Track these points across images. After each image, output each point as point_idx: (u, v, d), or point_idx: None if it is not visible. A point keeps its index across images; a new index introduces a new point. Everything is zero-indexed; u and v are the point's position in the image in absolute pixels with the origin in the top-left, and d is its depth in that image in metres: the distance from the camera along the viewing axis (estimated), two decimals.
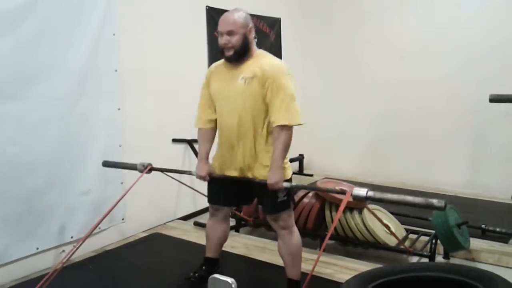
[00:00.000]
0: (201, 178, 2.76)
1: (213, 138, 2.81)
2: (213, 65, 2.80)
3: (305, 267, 2.88)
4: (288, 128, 2.52)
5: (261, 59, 2.59)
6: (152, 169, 3.02)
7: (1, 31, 2.92)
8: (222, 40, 2.55)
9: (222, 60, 2.72)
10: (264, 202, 2.65)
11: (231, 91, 2.60)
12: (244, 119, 2.58)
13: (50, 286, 2.69)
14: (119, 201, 3.05)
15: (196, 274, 2.90)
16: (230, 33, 2.52)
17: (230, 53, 2.56)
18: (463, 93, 5.08)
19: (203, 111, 2.78)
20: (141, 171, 3.01)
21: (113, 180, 3.71)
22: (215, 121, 2.75)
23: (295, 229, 2.71)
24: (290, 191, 2.65)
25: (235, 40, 2.53)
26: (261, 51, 2.68)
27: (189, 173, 2.92)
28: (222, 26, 2.56)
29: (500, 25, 4.84)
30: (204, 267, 2.93)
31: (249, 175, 2.64)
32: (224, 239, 2.93)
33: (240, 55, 2.57)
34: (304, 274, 2.66)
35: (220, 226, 2.88)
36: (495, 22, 4.88)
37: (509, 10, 4.81)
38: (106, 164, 3.22)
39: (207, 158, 2.79)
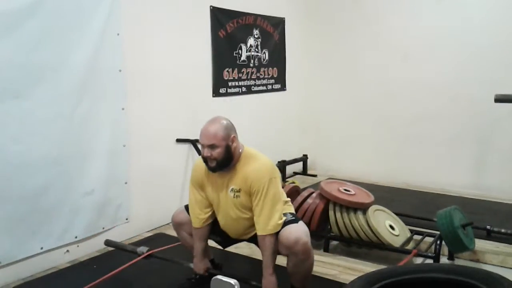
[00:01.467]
0: (200, 274, 2.83)
1: (209, 233, 2.84)
2: (201, 165, 2.70)
3: None
4: (271, 237, 2.54)
5: (246, 166, 2.59)
6: (151, 255, 3.10)
7: (6, 31, 2.93)
8: (204, 152, 2.56)
9: None
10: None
11: (223, 201, 2.68)
12: (237, 225, 2.73)
13: (55, 285, 2.69)
14: None
15: (197, 276, 2.90)
16: (211, 146, 2.52)
17: (213, 164, 2.56)
18: (467, 93, 5.06)
19: (199, 211, 2.77)
20: (139, 255, 3.08)
21: (117, 180, 3.72)
22: (211, 215, 2.79)
23: (312, 252, 2.60)
24: (294, 214, 2.71)
25: (217, 153, 2.52)
26: (246, 152, 2.65)
27: (187, 265, 2.94)
28: (203, 139, 2.55)
29: (505, 25, 4.82)
30: None
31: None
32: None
33: (224, 165, 2.58)
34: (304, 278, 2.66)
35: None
36: (499, 22, 4.85)
37: None
38: (108, 243, 3.42)
39: (204, 255, 2.83)
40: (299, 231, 2.51)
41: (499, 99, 3.23)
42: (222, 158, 2.54)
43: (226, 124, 2.57)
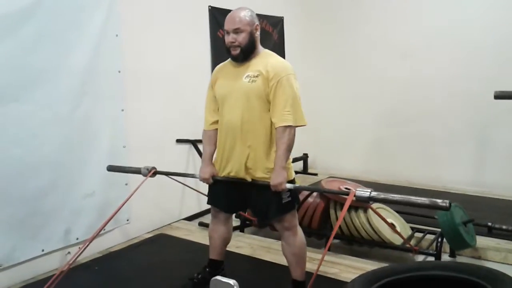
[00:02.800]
0: (205, 180, 2.75)
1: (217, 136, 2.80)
2: (218, 66, 2.80)
3: (311, 266, 2.88)
4: (291, 129, 2.51)
5: (267, 58, 2.59)
6: (156, 172, 3.02)
7: (4, 34, 2.93)
8: (229, 38, 2.55)
9: (227, 61, 2.73)
10: (268, 204, 2.60)
11: (234, 88, 2.59)
12: (246, 117, 2.55)
13: (56, 287, 2.70)
14: (124, 203, 3.05)
15: (199, 276, 2.90)
16: (236, 31, 2.52)
17: (236, 51, 2.55)
18: (467, 90, 5.06)
19: (208, 113, 2.79)
20: (145, 175, 3.01)
21: (117, 181, 3.71)
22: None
23: (299, 230, 2.69)
24: (294, 191, 2.64)
25: (242, 38, 2.53)
26: (267, 50, 2.68)
27: (192, 176, 2.92)
28: (229, 24, 2.56)
29: (504, 22, 4.82)
30: (207, 269, 2.92)
31: (248, 177, 2.61)
32: (227, 240, 2.92)
33: (247, 53, 2.57)
34: (309, 274, 2.65)
35: (222, 227, 2.86)
36: (499, 19, 4.85)
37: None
38: (111, 168, 3.23)
39: (211, 160, 2.78)
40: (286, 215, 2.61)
41: (499, 95, 3.23)
42: (246, 44, 2.54)
43: (251, 13, 2.62)
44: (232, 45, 2.55)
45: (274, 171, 2.50)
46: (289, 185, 2.52)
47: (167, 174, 3.05)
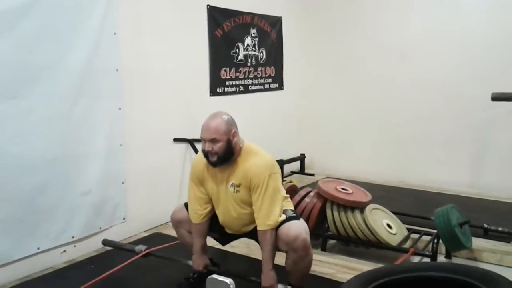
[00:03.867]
0: (199, 271, 2.82)
1: (208, 228, 2.83)
2: (200, 162, 2.73)
3: None
4: (272, 231, 2.55)
5: (247, 161, 2.60)
6: (149, 254, 3.10)
7: (2, 30, 2.92)
8: (205, 147, 2.56)
9: None
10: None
11: (223, 195, 2.68)
12: (237, 220, 2.72)
13: (52, 285, 2.69)
14: None
15: (195, 275, 2.90)
16: (213, 141, 2.53)
17: (214, 159, 2.57)
18: (465, 92, 5.07)
19: (199, 207, 2.77)
20: (138, 253, 3.09)
21: (114, 180, 3.71)
22: (210, 211, 2.79)
23: (311, 250, 2.62)
24: (294, 211, 2.73)
25: (218, 147, 2.53)
26: (246, 147, 2.66)
27: (186, 262, 2.95)
28: (204, 133, 2.56)
29: (502, 24, 4.83)
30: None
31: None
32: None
33: (224, 160, 2.58)
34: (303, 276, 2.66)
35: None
36: (497, 21, 4.86)
37: (510, 10, 4.79)
38: (106, 243, 3.40)
39: (203, 251, 2.83)
40: (298, 228, 2.53)
41: (496, 97, 3.24)
42: (223, 153, 2.54)
43: (227, 119, 2.58)
44: (209, 153, 2.56)
45: (263, 274, 2.58)
46: (280, 286, 2.58)
47: (161, 257, 3.11)
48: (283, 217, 2.58)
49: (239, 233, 2.85)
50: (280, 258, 2.67)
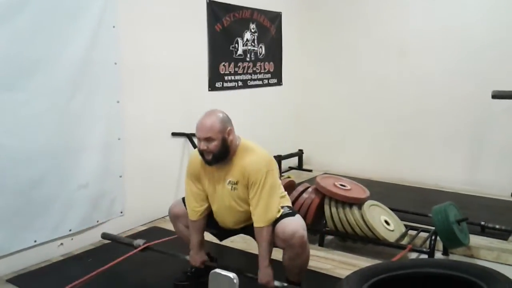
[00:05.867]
0: (196, 267, 2.83)
1: (205, 225, 2.82)
2: (196, 158, 2.70)
3: None
4: (269, 228, 2.54)
5: (243, 158, 2.58)
6: (148, 248, 3.08)
7: None
8: (200, 146, 2.54)
9: None
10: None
11: (220, 193, 2.67)
12: (234, 217, 2.72)
13: (49, 278, 2.68)
14: None
15: (193, 269, 2.90)
16: (208, 139, 2.50)
17: (209, 157, 2.55)
18: (463, 90, 5.06)
19: (196, 204, 2.75)
20: (136, 247, 3.07)
21: (112, 173, 3.70)
22: (207, 208, 2.78)
23: (308, 245, 2.61)
24: (291, 207, 2.71)
25: (213, 146, 2.50)
26: (243, 144, 2.63)
27: (184, 257, 2.93)
28: (199, 132, 2.54)
29: (502, 22, 4.82)
30: None
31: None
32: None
33: (220, 158, 2.56)
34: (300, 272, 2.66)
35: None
36: (496, 19, 4.85)
37: (511, 8, 4.78)
38: (105, 236, 3.39)
39: (200, 247, 2.82)
40: (296, 224, 2.52)
41: (496, 95, 3.25)
42: (219, 151, 2.52)
43: (222, 117, 2.55)
44: (204, 152, 2.55)
45: (260, 271, 2.57)
46: (277, 283, 2.57)
47: (159, 251, 3.10)
48: (280, 212, 2.57)
49: (236, 229, 2.85)
50: (278, 254, 2.67)
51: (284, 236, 2.50)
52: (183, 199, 2.88)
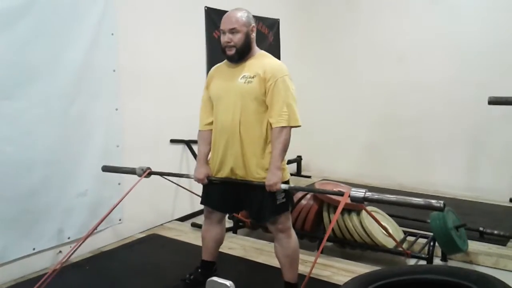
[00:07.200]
0: (199, 181, 2.75)
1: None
2: (214, 66, 2.81)
3: (303, 269, 2.88)
4: (288, 129, 2.54)
5: (263, 59, 2.61)
6: (151, 173, 3.02)
7: None
8: (224, 38, 2.56)
9: (223, 62, 2.75)
10: (262, 205, 2.59)
11: (229, 89, 2.60)
12: (242, 117, 2.56)
13: (47, 286, 2.68)
14: (119, 202, 3.04)
15: (191, 277, 2.90)
16: (232, 31, 2.54)
17: (232, 51, 2.56)
18: (461, 95, 5.08)
19: (203, 113, 2.79)
20: (140, 175, 3.01)
21: (110, 181, 3.69)
22: None
23: (293, 232, 2.69)
24: (289, 193, 2.64)
25: (237, 38, 2.54)
26: (262, 51, 2.69)
27: (187, 176, 2.91)
28: (225, 24, 2.57)
29: (499, 29, 4.85)
30: (200, 270, 2.92)
31: (243, 178, 2.62)
32: (220, 242, 2.91)
33: (242, 53, 2.58)
34: (301, 276, 2.64)
35: (215, 228, 2.85)
36: (493, 25, 4.88)
37: (508, 14, 4.81)
38: (106, 169, 3.23)
39: (206, 160, 2.78)
40: (281, 218, 2.60)
41: (493, 101, 3.25)
42: (241, 45, 2.55)
43: (247, 13, 2.63)
44: (227, 45, 2.56)
45: (270, 171, 2.51)
46: (284, 186, 2.52)
47: (161, 174, 3.05)
48: (300, 123, 2.61)
49: (238, 171, 2.64)
50: (274, 260, 2.67)
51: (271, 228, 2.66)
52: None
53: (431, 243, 3.32)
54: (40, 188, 3.21)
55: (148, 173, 3.01)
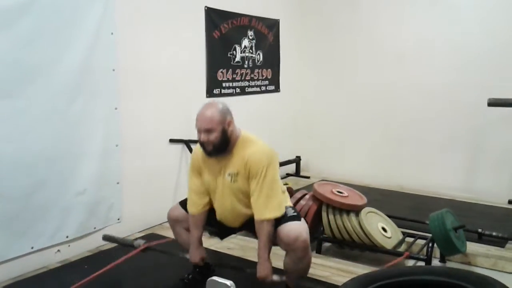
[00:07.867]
0: (195, 263, 2.81)
1: (205, 220, 2.81)
2: (198, 152, 2.73)
3: None
4: (269, 221, 2.53)
5: (243, 150, 2.58)
6: (148, 248, 3.07)
7: None
8: (201, 137, 2.55)
9: None
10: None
11: (220, 185, 2.67)
12: (234, 212, 2.69)
13: (46, 285, 2.67)
14: None
15: (190, 276, 2.90)
16: (208, 131, 2.51)
17: (210, 148, 2.55)
18: (460, 97, 5.08)
19: (197, 197, 2.76)
20: (137, 247, 3.07)
21: (109, 180, 3.69)
22: (208, 202, 2.77)
23: (309, 249, 2.61)
24: (295, 209, 2.71)
25: (214, 137, 2.51)
26: (243, 136, 2.65)
27: (183, 255, 2.92)
28: (199, 123, 2.55)
29: (498, 30, 4.85)
30: (198, 269, 2.93)
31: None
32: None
33: (220, 149, 2.57)
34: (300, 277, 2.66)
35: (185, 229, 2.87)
36: (493, 27, 4.88)
37: (508, 16, 4.81)
38: (106, 238, 3.38)
39: (200, 243, 2.81)
40: (299, 228, 2.51)
41: (492, 103, 3.26)
42: (219, 142, 2.53)
43: (222, 108, 2.56)
44: (204, 143, 2.55)
45: (259, 264, 2.55)
46: (275, 277, 2.56)
47: (159, 250, 3.09)
48: (283, 211, 2.55)
49: (237, 226, 2.82)
50: (277, 262, 2.67)
51: (287, 240, 2.49)
52: (181, 202, 2.88)
53: (430, 244, 3.32)
54: (39, 187, 3.21)
55: (145, 247, 3.06)
